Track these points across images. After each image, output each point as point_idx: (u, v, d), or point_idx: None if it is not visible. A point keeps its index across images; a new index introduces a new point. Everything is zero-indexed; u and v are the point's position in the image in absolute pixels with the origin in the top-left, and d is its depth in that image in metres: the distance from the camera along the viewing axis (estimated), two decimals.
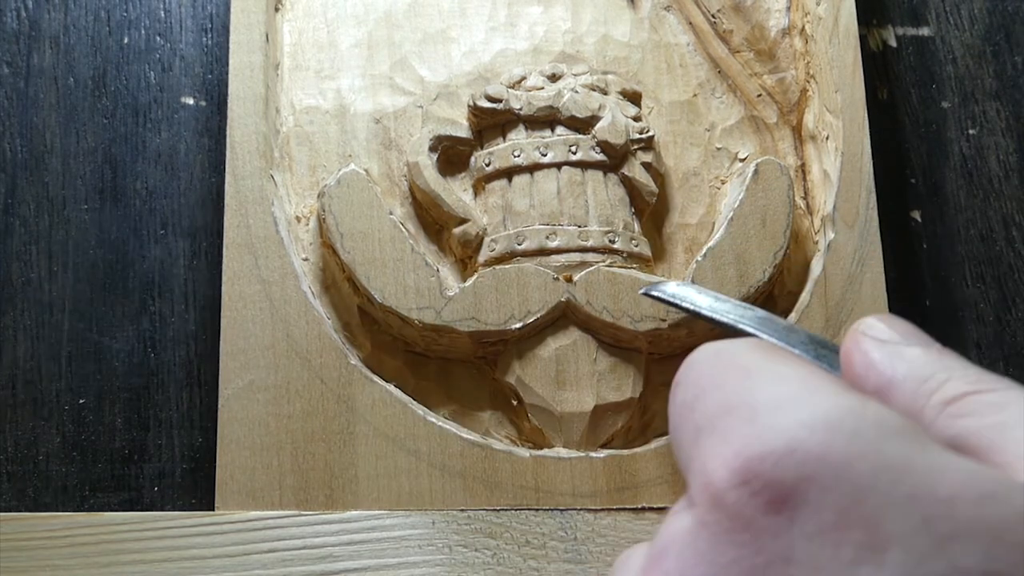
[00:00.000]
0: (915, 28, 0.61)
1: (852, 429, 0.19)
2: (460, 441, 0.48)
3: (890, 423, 0.20)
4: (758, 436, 0.20)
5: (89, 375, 0.52)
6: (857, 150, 0.53)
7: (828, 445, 0.19)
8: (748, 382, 0.21)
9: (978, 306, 0.56)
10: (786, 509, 0.19)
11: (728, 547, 0.19)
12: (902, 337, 0.24)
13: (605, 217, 0.52)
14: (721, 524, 0.20)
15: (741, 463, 0.20)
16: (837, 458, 0.19)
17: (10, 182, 0.55)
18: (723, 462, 0.20)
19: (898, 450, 0.19)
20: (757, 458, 0.20)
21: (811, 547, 0.18)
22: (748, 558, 0.19)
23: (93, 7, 0.58)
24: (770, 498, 0.19)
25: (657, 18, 0.58)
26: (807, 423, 0.20)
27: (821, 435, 0.19)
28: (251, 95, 0.52)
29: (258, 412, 0.48)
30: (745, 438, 0.20)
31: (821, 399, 0.20)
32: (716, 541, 0.20)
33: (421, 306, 0.49)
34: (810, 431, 0.20)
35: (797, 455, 0.19)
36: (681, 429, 0.22)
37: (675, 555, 0.20)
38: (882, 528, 0.18)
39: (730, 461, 0.20)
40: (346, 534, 0.46)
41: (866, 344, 0.24)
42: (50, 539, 0.45)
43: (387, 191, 0.53)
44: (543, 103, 0.53)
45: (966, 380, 0.22)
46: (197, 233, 0.55)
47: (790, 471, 0.19)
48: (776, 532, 0.19)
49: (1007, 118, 0.59)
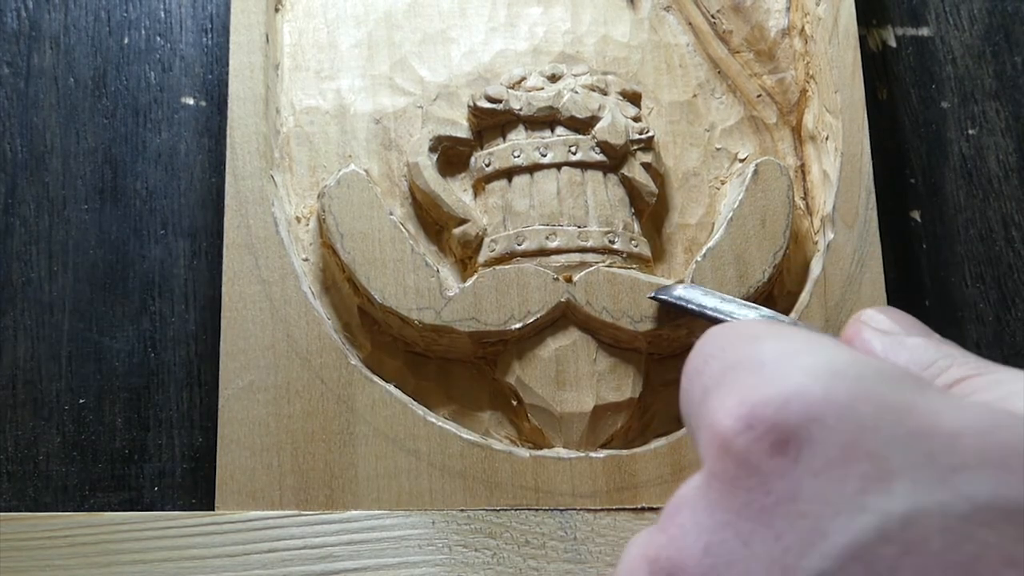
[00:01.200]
0: (915, 28, 0.61)
1: (855, 375, 0.20)
2: (460, 441, 0.48)
3: (892, 371, 0.20)
4: (762, 384, 0.20)
5: (89, 375, 0.52)
6: (857, 150, 0.53)
7: (831, 389, 0.20)
8: (755, 343, 0.22)
9: (978, 306, 0.56)
10: (791, 450, 0.19)
11: (738, 492, 0.20)
12: (903, 328, 0.25)
13: (605, 217, 0.52)
14: (729, 472, 0.20)
15: (746, 410, 0.20)
16: (840, 400, 0.19)
17: (10, 182, 0.55)
18: (728, 411, 0.20)
19: (901, 393, 0.19)
20: (761, 403, 0.20)
21: (817, 483, 0.19)
22: (758, 500, 0.19)
23: (93, 7, 0.58)
24: (775, 440, 0.19)
25: (657, 18, 0.58)
26: (810, 370, 0.20)
27: (825, 380, 0.20)
28: (251, 95, 0.52)
29: (258, 412, 0.48)
30: (750, 387, 0.20)
31: (825, 351, 0.21)
32: (726, 488, 0.20)
33: (421, 306, 0.49)
34: (814, 377, 0.20)
35: (801, 398, 0.20)
36: (690, 394, 0.23)
37: (688, 509, 0.20)
38: (888, 461, 0.18)
39: (735, 409, 0.20)
40: (346, 534, 0.46)
41: (867, 333, 0.25)
42: (50, 539, 0.45)
43: (387, 191, 0.53)
44: (543, 103, 0.53)
45: (967, 366, 0.23)
46: (197, 233, 0.55)
47: (794, 413, 0.19)
48: (783, 472, 0.19)
49: (1007, 118, 0.59)
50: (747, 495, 0.19)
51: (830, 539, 0.18)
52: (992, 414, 0.19)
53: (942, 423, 0.19)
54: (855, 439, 0.19)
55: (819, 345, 0.21)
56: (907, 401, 0.19)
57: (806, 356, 0.20)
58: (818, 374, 0.20)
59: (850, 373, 0.20)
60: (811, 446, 0.19)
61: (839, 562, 0.18)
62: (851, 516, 0.18)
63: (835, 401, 0.19)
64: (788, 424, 0.19)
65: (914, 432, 0.19)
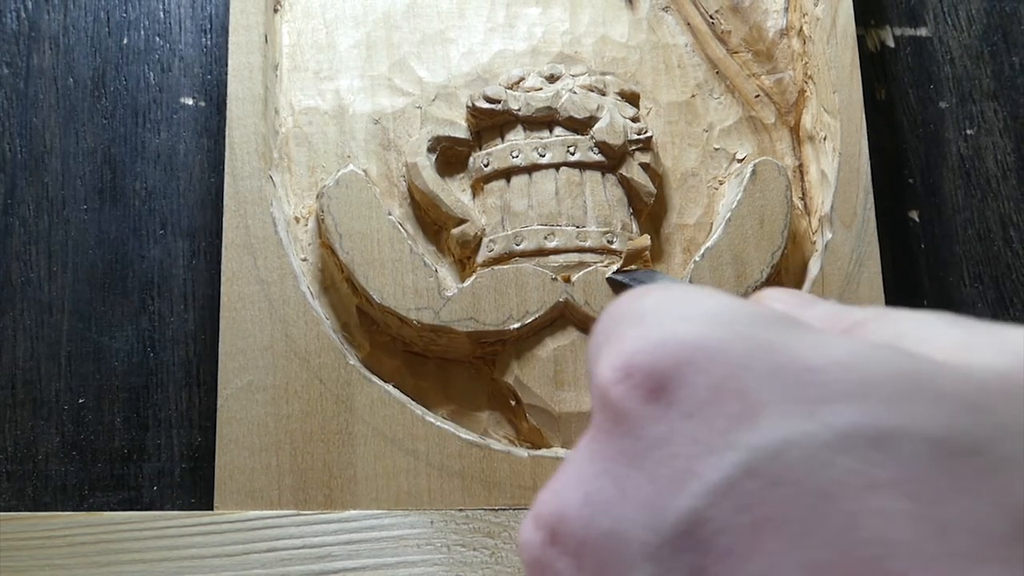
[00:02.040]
0: (913, 28, 0.61)
1: (728, 319, 0.20)
2: (458, 441, 0.48)
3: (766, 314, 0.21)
4: (640, 334, 0.20)
5: (89, 375, 0.52)
6: (855, 150, 0.53)
7: (704, 333, 0.20)
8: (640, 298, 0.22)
9: (976, 306, 0.56)
10: (665, 395, 0.19)
11: (615, 440, 0.20)
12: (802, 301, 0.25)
13: (603, 218, 0.52)
14: (608, 422, 0.20)
15: (623, 360, 0.20)
16: (712, 343, 0.20)
17: (10, 182, 0.55)
18: (607, 363, 0.21)
19: (772, 333, 0.20)
20: (635, 352, 0.20)
21: (688, 424, 0.19)
22: (633, 446, 0.20)
23: (93, 8, 0.58)
24: (649, 387, 0.20)
25: (655, 19, 0.58)
26: (687, 317, 0.20)
27: (699, 325, 0.20)
28: (250, 96, 0.52)
29: (257, 412, 0.48)
30: (630, 338, 0.21)
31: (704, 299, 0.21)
32: (605, 438, 0.20)
33: (420, 306, 0.50)
34: (688, 323, 0.20)
35: (674, 342, 0.20)
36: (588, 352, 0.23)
37: (571, 463, 0.21)
38: (754, 398, 0.19)
39: (614, 360, 0.20)
40: (344, 533, 0.46)
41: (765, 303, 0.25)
42: (50, 539, 0.45)
43: (386, 192, 0.53)
44: (541, 104, 0.53)
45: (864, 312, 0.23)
46: (196, 233, 0.55)
47: (666, 357, 0.20)
48: (656, 418, 0.19)
49: (1005, 118, 0.59)
50: (623, 441, 0.20)
51: (700, 478, 0.18)
52: (860, 346, 0.19)
53: (808, 357, 0.19)
54: (725, 379, 0.19)
55: (699, 294, 0.21)
56: (777, 339, 0.20)
57: (683, 304, 0.21)
58: (692, 319, 0.20)
59: (724, 317, 0.20)
60: (682, 388, 0.19)
61: (708, 499, 0.18)
62: (720, 454, 0.18)
63: (706, 343, 0.20)
64: (660, 369, 0.20)
65: (781, 367, 0.19)
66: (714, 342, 0.20)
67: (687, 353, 0.20)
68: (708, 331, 0.20)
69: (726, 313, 0.20)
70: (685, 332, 0.20)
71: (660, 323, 0.20)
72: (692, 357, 0.20)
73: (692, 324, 0.20)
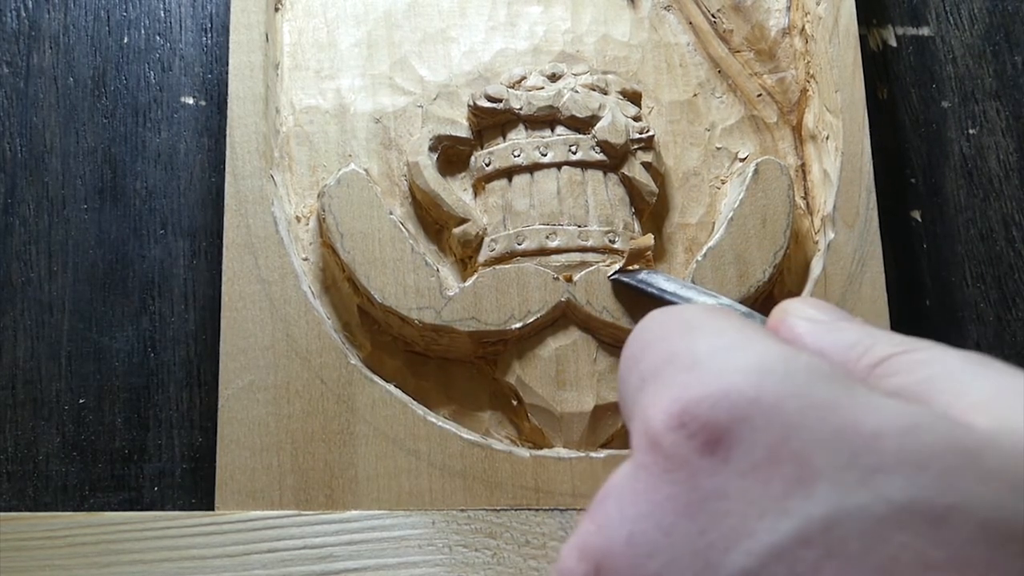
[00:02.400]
0: (915, 28, 0.61)
1: (783, 372, 0.20)
2: (460, 441, 0.48)
3: (820, 368, 0.21)
4: (696, 381, 0.20)
5: (89, 375, 0.52)
6: (857, 150, 0.53)
7: (760, 387, 0.20)
8: (691, 335, 0.22)
9: (978, 306, 0.56)
10: (720, 450, 0.19)
11: (665, 485, 0.20)
12: (828, 316, 0.25)
13: (605, 217, 0.52)
14: (658, 465, 0.20)
15: (679, 407, 0.20)
16: (768, 399, 0.20)
17: (10, 182, 0.55)
18: (662, 407, 0.21)
19: (827, 390, 0.20)
20: (694, 401, 0.20)
21: (744, 483, 0.19)
22: (684, 494, 0.19)
23: (93, 7, 0.58)
24: (705, 439, 0.20)
25: (657, 18, 0.58)
26: (742, 368, 0.20)
27: (755, 378, 0.20)
28: (251, 95, 0.52)
29: (258, 412, 0.48)
30: (683, 384, 0.21)
31: (757, 347, 0.21)
32: (653, 481, 0.20)
33: (421, 306, 0.49)
34: (744, 375, 0.20)
35: (731, 397, 0.20)
36: (627, 382, 0.23)
37: (615, 498, 0.21)
38: (810, 463, 0.19)
39: (668, 406, 0.20)
40: (346, 534, 0.46)
41: (791, 320, 0.25)
42: (50, 539, 0.45)
43: (387, 191, 0.53)
44: (543, 103, 0.53)
45: (891, 343, 0.23)
46: (197, 233, 0.55)
47: (724, 412, 0.20)
48: (712, 471, 0.19)
49: (1007, 118, 0.59)
50: (673, 488, 0.20)
51: (754, 538, 0.18)
52: (912, 414, 0.19)
53: (864, 423, 0.19)
54: (781, 440, 0.19)
55: (752, 341, 0.21)
56: (833, 399, 0.19)
57: (739, 353, 0.21)
58: (749, 371, 0.20)
59: (779, 370, 0.20)
60: (740, 446, 0.19)
61: (762, 561, 0.18)
62: (775, 518, 0.18)
63: (763, 401, 0.20)
64: (719, 424, 0.20)
65: (837, 431, 0.19)
66: (770, 397, 0.19)
67: (744, 409, 0.20)
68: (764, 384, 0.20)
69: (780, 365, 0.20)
70: (742, 386, 0.20)
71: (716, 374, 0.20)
72: (749, 413, 0.19)
73: (748, 376, 0.20)
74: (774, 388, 0.20)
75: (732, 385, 0.20)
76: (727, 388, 0.20)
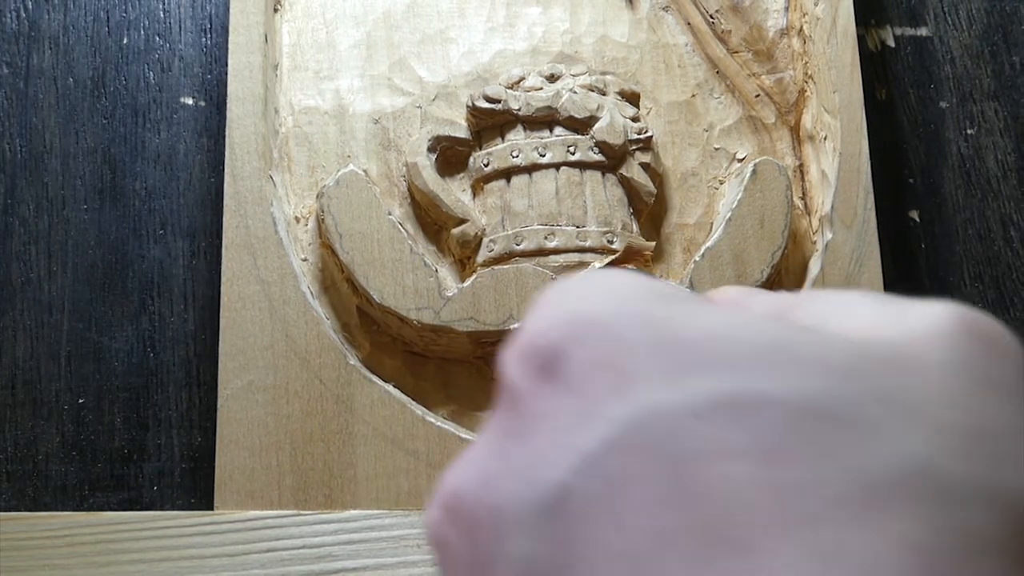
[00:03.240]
0: (913, 28, 0.61)
1: (624, 296, 0.20)
2: (459, 441, 0.48)
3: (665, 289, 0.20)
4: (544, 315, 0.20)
5: (89, 375, 0.52)
6: (855, 150, 0.53)
7: (596, 308, 0.20)
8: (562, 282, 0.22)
9: (976, 306, 0.56)
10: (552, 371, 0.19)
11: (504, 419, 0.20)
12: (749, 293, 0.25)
13: (603, 217, 0.52)
14: (504, 402, 0.20)
15: (521, 339, 0.20)
16: (602, 317, 0.19)
17: (10, 182, 0.55)
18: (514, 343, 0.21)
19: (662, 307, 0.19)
20: (531, 331, 0.20)
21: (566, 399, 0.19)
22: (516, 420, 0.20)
23: (93, 7, 0.58)
24: (539, 363, 0.20)
25: (655, 19, 0.58)
26: (585, 296, 0.20)
27: (593, 301, 0.20)
28: (250, 95, 0.52)
29: (257, 412, 0.48)
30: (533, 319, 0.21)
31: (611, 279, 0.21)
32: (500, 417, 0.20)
33: (420, 306, 0.50)
34: (583, 300, 0.20)
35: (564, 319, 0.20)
36: None
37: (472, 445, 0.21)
38: (630, 370, 0.18)
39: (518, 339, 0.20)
40: (345, 533, 0.46)
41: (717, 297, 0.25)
42: (50, 539, 0.45)
43: (386, 192, 0.53)
44: (541, 104, 0.53)
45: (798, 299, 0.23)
46: (196, 233, 0.55)
47: (555, 334, 0.20)
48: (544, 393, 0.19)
49: (1005, 118, 0.59)
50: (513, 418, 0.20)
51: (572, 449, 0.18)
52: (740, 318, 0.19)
53: (688, 330, 0.19)
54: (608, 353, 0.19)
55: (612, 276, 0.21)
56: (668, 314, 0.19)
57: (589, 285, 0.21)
58: (590, 297, 0.20)
59: (621, 293, 0.20)
60: (567, 363, 0.19)
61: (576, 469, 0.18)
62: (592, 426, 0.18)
63: (596, 319, 0.19)
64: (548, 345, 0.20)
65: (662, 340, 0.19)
66: (603, 316, 0.19)
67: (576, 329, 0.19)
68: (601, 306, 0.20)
69: (624, 290, 0.20)
70: (578, 308, 0.20)
71: (560, 303, 0.20)
72: (580, 333, 0.19)
73: (587, 302, 0.20)
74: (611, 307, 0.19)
75: (568, 310, 0.20)
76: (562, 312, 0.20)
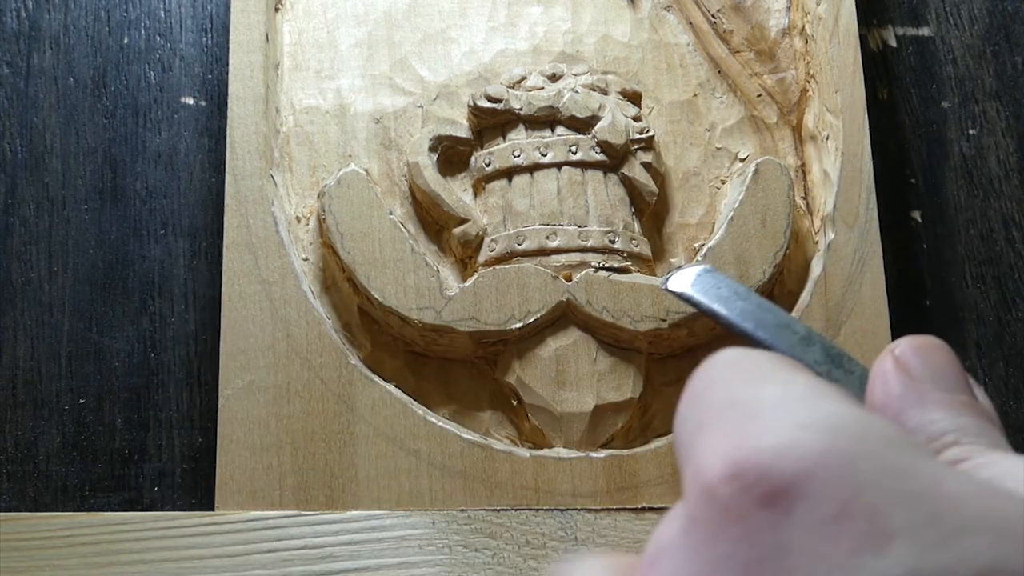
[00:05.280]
0: (915, 28, 0.61)
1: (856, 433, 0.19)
2: (460, 441, 0.48)
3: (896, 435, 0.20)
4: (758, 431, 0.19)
5: (89, 375, 0.52)
6: (857, 150, 0.53)
7: (830, 444, 0.19)
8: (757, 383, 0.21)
9: (978, 306, 0.56)
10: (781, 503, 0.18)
11: (721, 542, 0.19)
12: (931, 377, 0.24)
13: (605, 217, 0.52)
14: (714, 519, 0.19)
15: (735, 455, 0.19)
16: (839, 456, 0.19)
17: (10, 182, 0.55)
18: (718, 455, 0.19)
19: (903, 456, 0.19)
20: (753, 451, 0.19)
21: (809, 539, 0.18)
22: (743, 552, 0.18)
23: (93, 7, 0.58)
24: (764, 491, 0.19)
25: (657, 18, 0.58)
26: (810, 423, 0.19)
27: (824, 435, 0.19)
28: (251, 95, 0.52)
29: (258, 412, 0.48)
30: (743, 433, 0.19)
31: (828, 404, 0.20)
32: (709, 537, 0.19)
33: (421, 306, 0.49)
34: (812, 431, 0.19)
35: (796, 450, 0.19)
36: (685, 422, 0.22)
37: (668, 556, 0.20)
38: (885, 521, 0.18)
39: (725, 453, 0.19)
40: (346, 534, 0.46)
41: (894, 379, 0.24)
42: (50, 539, 0.45)
43: (387, 191, 0.53)
44: (543, 103, 0.53)
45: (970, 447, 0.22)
46: (197, 233, 0.55)
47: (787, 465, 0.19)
48: (772, 525, 0.18)
49: (1007, 118, 0.59)
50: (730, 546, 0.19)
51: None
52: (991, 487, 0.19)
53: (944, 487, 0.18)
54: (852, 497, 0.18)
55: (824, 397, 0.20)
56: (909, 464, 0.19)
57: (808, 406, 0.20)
58: (818, 427, 0.19)
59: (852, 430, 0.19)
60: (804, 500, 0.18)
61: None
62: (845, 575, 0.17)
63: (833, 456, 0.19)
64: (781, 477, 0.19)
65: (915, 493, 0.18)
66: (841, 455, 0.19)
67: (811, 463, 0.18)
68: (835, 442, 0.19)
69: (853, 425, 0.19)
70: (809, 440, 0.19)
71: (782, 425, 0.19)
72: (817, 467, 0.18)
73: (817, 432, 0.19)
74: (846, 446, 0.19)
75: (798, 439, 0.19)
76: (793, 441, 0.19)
